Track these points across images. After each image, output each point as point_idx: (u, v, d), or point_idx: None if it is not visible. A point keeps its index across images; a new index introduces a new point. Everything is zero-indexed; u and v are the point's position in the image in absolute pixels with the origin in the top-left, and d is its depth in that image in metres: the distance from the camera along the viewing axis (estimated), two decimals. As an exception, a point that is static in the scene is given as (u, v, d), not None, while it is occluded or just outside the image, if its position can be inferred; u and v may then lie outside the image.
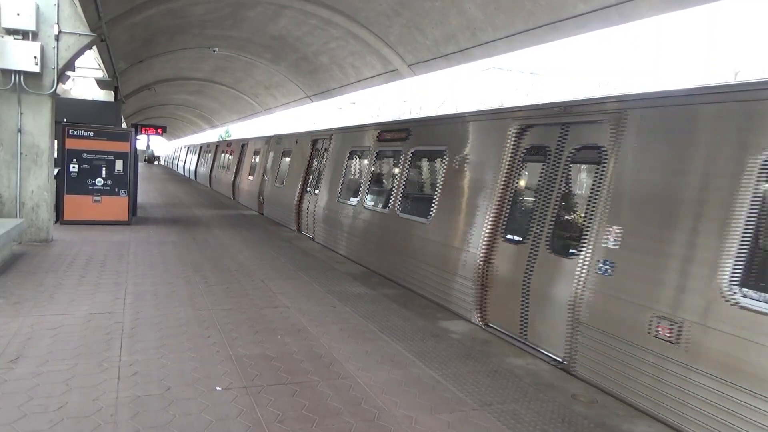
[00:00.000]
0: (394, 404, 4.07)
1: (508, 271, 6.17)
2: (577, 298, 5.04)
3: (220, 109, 35.26)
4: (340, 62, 16.06)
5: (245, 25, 15.03)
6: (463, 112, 8.05)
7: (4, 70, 8.84)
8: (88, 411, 3.64)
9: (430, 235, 7.68)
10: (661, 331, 4.25)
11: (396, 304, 6.98)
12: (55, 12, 9.10)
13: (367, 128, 10.95)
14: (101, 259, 8.37)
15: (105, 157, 11.96)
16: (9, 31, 8.87)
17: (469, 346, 5.55)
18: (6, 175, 9.21)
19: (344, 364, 4.80)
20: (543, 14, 8.82)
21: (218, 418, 3.68)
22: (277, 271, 8.47)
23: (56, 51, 9.20)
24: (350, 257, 10.18)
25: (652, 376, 4.31)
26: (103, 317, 5.61)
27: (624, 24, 7.92)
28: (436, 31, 11.41)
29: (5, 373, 4.12)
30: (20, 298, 6.07)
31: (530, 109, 6.49)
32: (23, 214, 9.36)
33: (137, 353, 4.71)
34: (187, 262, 8.67)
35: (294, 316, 6.11)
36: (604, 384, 4.71)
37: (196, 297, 6.65)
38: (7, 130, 9.12)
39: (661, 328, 4.26)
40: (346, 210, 10.77)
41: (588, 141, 5.51)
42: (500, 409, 4.11)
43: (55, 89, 9.34)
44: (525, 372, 4.91)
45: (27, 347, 4.67)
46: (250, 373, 4.45)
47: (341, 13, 12.67)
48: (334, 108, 49.35)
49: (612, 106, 5.24)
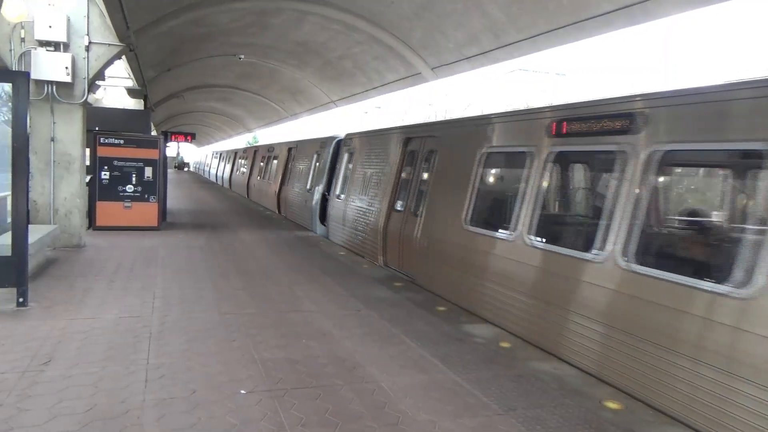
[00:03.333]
0: (417, 409, 4.04)
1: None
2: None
3: (247, 116, 35.71)
4: (364, 67, 16.12)
5: (269, 32, 15.20)
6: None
7: (38, 81, 9.10)
8: (116, 413, 3.70)
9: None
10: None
11: (420, 308, 6.95)
12: (85, 24, 9.35)
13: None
14: (130, 264, 8.53)
15: (135, 164, 12.23)
16: (42, 43, 9.15)
17: (493, 350, 5.49)
18: (40, 183, 9.48)
19: (367, 368, 4.80)
20: (566, 14, 8.71)
21: (242, 421, 3.70)
22: (302, 275, 8.52)
23: (87, 61, 9.45)
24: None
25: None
26: (131, 321, 5.72)
27: (648, 22, 7.77)
28: (458, 34, 11.36)
29: (37, 375, 4.22)
30: (52, 302, 6.23)
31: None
32: (56, 220, 9.61)
33: (164, 356, 4.78)
34: (214, 266, 8.78)
35: (318, 320, 6.14)
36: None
37: (221, 301, 6.73)
38: (40, 139, 9.38)
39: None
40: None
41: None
42: (525, 415, 4.05)
43: (86, 98, 9.59)
44: (551, 377, 4.83)
45: (58, 350, 4.79)
46: (274, 377, 4.47)
47: (363, 17, 12.72)
48: (360, 112, 49.54)
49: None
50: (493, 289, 6.58)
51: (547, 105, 7.44)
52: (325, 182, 14.14)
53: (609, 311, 4.93)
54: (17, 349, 4.74)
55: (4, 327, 5.32)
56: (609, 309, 4.95)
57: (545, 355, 5.45)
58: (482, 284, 6.81)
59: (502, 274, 6.45)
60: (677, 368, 4.25)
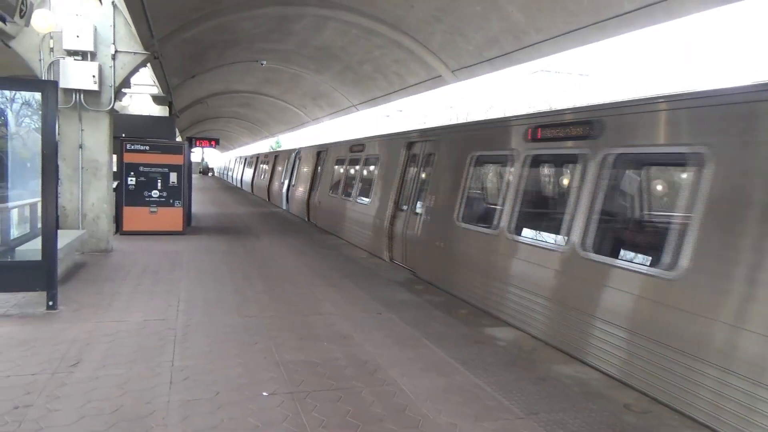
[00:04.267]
0: (437, 412, 4.04)
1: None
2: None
3: (269, 121, 36.08)
4: (384, 70, 16.18)
5: (291, 37, 15.36)
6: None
7: (66, 90, 9.34)
8: (141, 414, 3.78)
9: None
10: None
11: (440, 311, 6.95)
12: (111, 33, 9.58)
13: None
14: (156, 268, 8.69)
15: (160, 170, 12.44)
16: (70, 53, 9.38)
17: (514, 353, 5.46)
18: (68, 189, 9.72)
19: (388, 370, 4.81)
20: (586, 14, 8.64)
21: (264, 422, 3.75)
22: (322, 278, 8.58)
23: (113, 70, 9.67)
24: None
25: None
26: (156, 323, 5.83)
27: (671, 21, 7.66)
28: (478, 36, 11.34)
29: (66, 377, 4.33)
30: (80, 305, 6.38)
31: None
32: (85, 225, 9.83)
33: (188, 358, 4.86)
34: (237, 270, 8.89)
35: (339, 323, 6.17)
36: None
37: (244, 304, 6.81)
38: (69, 146, 9.62)
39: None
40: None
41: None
42: (547, 419, 4.02)
43: (112, 106, 9.81)
44: (573, 380, 4.79)
45: (86, 352, 4.90)
46: (296, 379, 4.51)
47: (383, 21, 12.77)
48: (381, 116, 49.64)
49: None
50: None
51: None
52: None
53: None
54: (47, 351, 4.87)
55: (35, 329, 5.46)
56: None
57: (567, 358, 5.41)
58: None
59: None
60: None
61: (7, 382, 4.20)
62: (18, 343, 5.06)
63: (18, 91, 7.02)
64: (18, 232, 8.30)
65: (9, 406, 3.80)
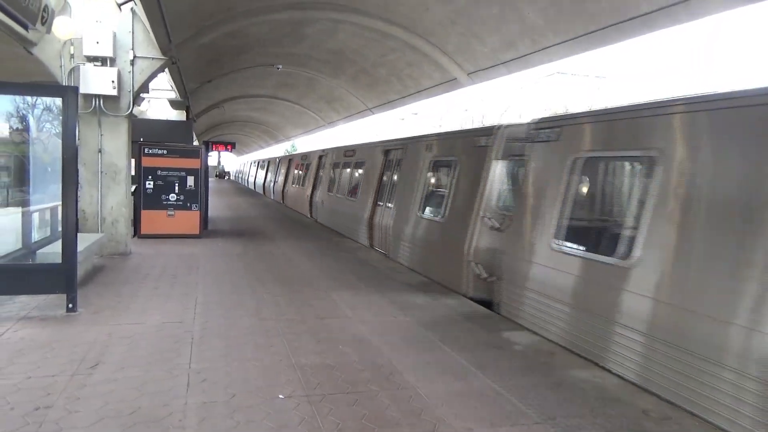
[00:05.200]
0: (453, 416, 4.02)
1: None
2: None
3: (285, 124, 36.26)
4: (399, 73, 16.17)
5: (305, 41, 15.42)
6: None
7: (86, 95, 9.47)
8: (159, 415, 3.81)
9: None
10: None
11: (457, 314, 6.91)
12: (130, 38, 9.71)
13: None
14: (173, 271, 8.77)
15: (178, 174, 12.56)
16: (89, 59, 9.53)
17: (532, 357, 5.42)
18: (88, 193, 9.85)
19: (404, 374, 4.80)
20: (605, 16, 8.55)
21: (280, 425, 3.76)
22: (338, 281, 8.59)
23: (132, 75, 9.80)
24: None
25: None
26: (173, 326, 5.88)
27: (692, 21, 7.55)
28: (494, 39, 11.29)
29: (85, 379, 4.38)
30: (99, 308, 6.46)
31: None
32: (103, 228, 9.96)
33: (205, 361, 4.90)
34: (252, 273, 8.94)
35: (354, 326, 6.17)
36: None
37: (260, 307, 6.84)
38: (89, 150, 9.76)
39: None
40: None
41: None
42: (564, 424, 3.97)
43: (131, 111, 9.93)
44: (591, 385, 4.73)
45: (105, 354, 4.96)
46: (312, 382, 4.52)
47: (398, 24, 12.77)
48: (396, 119, 49.64)
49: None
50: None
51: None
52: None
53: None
54: (67, 353, 4.93)
55: (55, 332, 5.54)
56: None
57: (585, 363, 5.35)
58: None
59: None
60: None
61: (28, 383, 4.26)
62: (39, 345, 5.14)
63: (39, 97, 7.15)
64: (39, 236, 8.43)
65: (30, 407, 3.86)
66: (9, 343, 5.14)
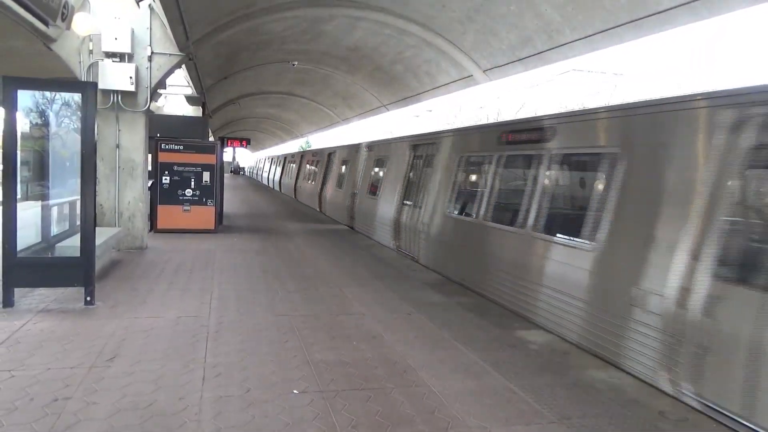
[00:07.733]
0: (467, 414, 4.01)
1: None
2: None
3: (300, 121, 36.35)
4: (415, 70, 16.12)
5: (322, 38, 15.43)
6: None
7: (104, 91, 9.57)
8: (175, 409, 3.84)
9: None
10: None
11: (471, 312, 6.89)
12: (148, 35, 9.78)
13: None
14: (189, 266, 8.84)
15: (194, 170, 12.66)
16: (108, 55, 9.62)
17: (547, 357, 5.38)
18: (106, 188, 9.96)
19: (418, 371, 4.79)
20: (623, 12, 8.44)
21: (294, 420, 3.77)
22: (353, 278, 8.60)
23: (149, 71, 9.88)
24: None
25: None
26: (190, 321, 5.92)
27: (713, 17, 7.42)
28: (511, 35, 11.21)
29: (103, 371, 4.44)
30: (116, 302, 6.53)
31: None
32: (121, 223, 10.07)
33: (221, 356, 4.93)
34: (267, 268, 8.98)
35: (369, 323, 6.17)
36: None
37: (275, 303, 6.87)
38: (106, 146, 9.87)
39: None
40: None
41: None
42: (580, 424, 3.94)
43: (148, 106, 10.01)
44: (607, 386, 4.69)
45: (122, 347, 5.01)
46: (326, 378, 4.53)
47: (415, 21, 12.73)
48: (410, 116, 49.51)
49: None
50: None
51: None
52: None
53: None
54: (85, 346, 5.00)
55: (73, 325, 5.61)
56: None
57: (601, 363, 5.30)
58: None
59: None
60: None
61: (47, 375, 4.32)
62: (58, 337, 5.21)
63: (58, 92, 7.27)
64: (57, 229, 8.54)
65: (49, 398, 3.91)
66: (29, 335, 5.22)
